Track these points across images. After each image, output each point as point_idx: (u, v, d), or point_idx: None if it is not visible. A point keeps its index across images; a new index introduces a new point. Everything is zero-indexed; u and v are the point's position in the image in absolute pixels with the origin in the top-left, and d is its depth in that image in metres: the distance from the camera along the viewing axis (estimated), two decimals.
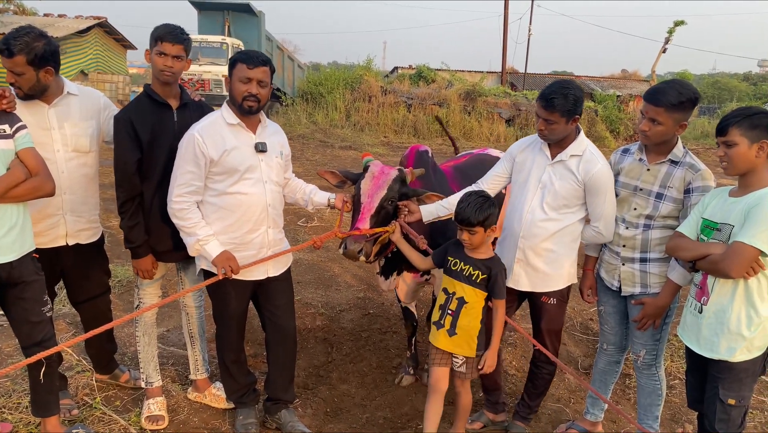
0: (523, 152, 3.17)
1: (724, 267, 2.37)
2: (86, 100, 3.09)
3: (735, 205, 2.44)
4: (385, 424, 3.54)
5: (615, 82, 29.01)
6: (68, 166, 3.00)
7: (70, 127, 3.00)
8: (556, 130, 2.90)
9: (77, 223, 3.10)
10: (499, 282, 2.86)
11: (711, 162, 2.97)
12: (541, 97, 2.89)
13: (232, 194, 2.95)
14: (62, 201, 3.00)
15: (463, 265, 2.92)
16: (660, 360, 3.10)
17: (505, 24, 25.87)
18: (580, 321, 5.20)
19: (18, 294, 2.66)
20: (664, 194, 2.85)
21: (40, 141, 2.86)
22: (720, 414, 2.53)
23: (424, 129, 18.66)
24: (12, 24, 18.48)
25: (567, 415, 3.72)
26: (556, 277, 3.11)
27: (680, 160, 2.83)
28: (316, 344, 4.55)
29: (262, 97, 2.92)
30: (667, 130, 2.77)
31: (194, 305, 3.56)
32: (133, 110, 3.04)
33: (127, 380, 3.68)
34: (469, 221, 2.79)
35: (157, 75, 3.02)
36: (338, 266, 6.29)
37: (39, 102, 2.90)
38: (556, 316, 3.21)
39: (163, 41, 2.95)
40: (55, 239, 3.05)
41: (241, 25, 19.39)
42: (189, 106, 3.19)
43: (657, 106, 2.73)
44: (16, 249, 2.62)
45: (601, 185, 2.94)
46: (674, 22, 23.45)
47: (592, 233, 3.06)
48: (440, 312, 3.00)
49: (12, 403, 3.39)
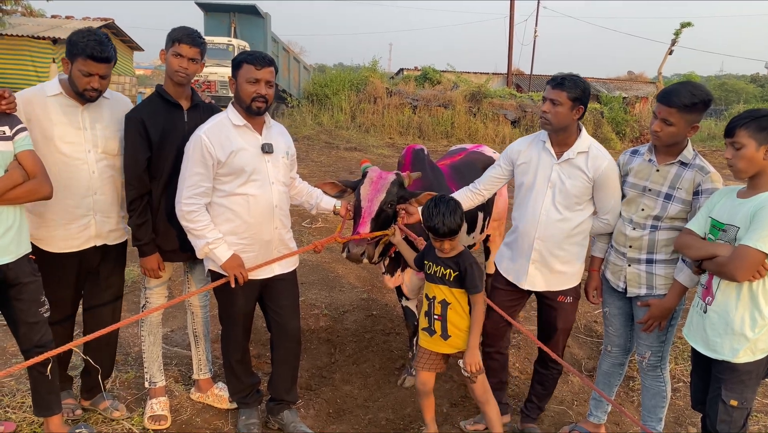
0: (525, 153, 3.17)
1: (729, 270, 2.36)
2: (116, 105, 3.10)
3: (741, 207, 2.43)
4: (387, 425, 3.54)
5: (621, 83, 28.88)
6: (98, 166, 3.00)
7: (102, 129, 3.00)
8: (560, 113, 2.92)
9: (106, 223, 3.09)
10: (470, 275, 2.86)
11: (717, 164, 2.96)
12: (552, 79, 2.96)
13: (239, 195, 2.96)
14: (93, 201, 3.01)
15: (435, 267, 2.96)
16: (665, 362, 3.10)
17: (511, 25, 25.84)
18: (584, 323, 5.18)
19: (15, 295, 2.67)
20: (673, 195, 2.84)
21: (71, 140, 2.90)
22: (722, 415, 2.52)
23: (430, 130, 18.64)
24: (20, 25, 18.60)
25: (570, 417, 3.71)
26: (570, 275, 3.15)
27: (690, 162, 2.82)
28: (320, 345, 4.55)
29: (269, 97, 2.95)
30: (679, 131, 2.76)
31: (200, 304, 3.57)
32: (145, 110, 3.07)
33: (105, 408, 3.39)
34: (442, 232, 2.81)
35: (171, 75, 3.06)
36: (342, 267, 6.30)
37: (74, 102, 2.92)
38: (572, 314, 3.26)
39: (181, 43, 3.00)
40: (87, 240, 3.04)
41: (247, 26, 19.43)
42: (200, 107, 3.21)
43: (670, 106, 2.73)
44: (12, 251, 2.63)
45: (610, 179, 3.00)
46: (681, 23, 23.34)
47: (601, 225, 3.11)
48: (427, 319, 3.02)
49: (15, 402, 3.40)
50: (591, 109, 19.90)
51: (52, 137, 2.85)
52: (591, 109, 19.98)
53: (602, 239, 3.21)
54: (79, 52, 2.74)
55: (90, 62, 2.76)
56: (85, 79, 2.79)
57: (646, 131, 18.87)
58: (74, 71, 2.80)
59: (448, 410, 3.73)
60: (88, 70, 2.77)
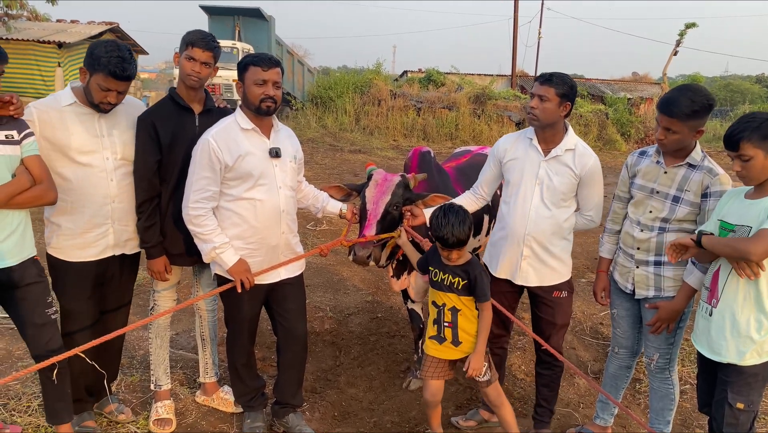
0: (511, 150, 3.20)
1: (745, 245, 2.29)
2: (131, 109, 3.08)
3: (752, 207, 2.41)
4: (392, 428, 3.53)
5: (626, 84, 28.81)
6: (117, 174, 2.97)
7: (119, 135, 2.98)
8: (547, 109, 2.95)
9: (124, 232, 3.06)
10: (479, 284, 2.85)
11: (724, 165, 2.94)
12: (540, 76, 3.02)
13: (246, 200, 2.95)
14: (111, 210, 2.97)
15: (442, 274, 2.94)
16: (673, 364, 3.08)
17: (515, 27, 25.81)
18: (590, 325, 5.16)
19: (21, 296, 2.67)
20: (681, 198, 2.82)
21: (90, 149, 2.87)
22: (728, 418, 2.50)
23: (434, 132, 18.64)
24: (25, 29, 18.67)
25: (576, 420, 3.70)
26: (561, 269, 3.18)
27: (698, 164, 2.80)
28: (324, 348, 4.55)
29: (277, 98, 2.95)
30: (683, 138, 2.75)
31: (207, 308, 3.58)
32: (156, 112, 3.07)
33: (110, 411, 3.40)
34: (451, 243, 2.80)
35: (183, 78, 3.06)
36: (347, 269, 6.30)
37: (90, 110, 2.89)
38: (568, 308, 3.28)
39: (194, 46, 3.00)
40: (105, 249, 3.01)
41: (252, 29, 19.50)
42: (212, 112, 3.20)
43: (671, 117, 2.71)
44: (16, 254, 2.63)
45: (596, 177, 3.07)
46: (685, 24, 23.25)
47: (584, 221, 3.17)
48: (436, 327, 3.00)
49: (22, 406, 3.41)
50: (596, 111, 19.88)
51: (70, 147, 2.82)
52: (596, 110, 19.96)
53: (610, 239, 3.21)
54: (101, 67, 2.71)
55: (111, 79, 2.73)
56: (102, 93, 2.78)
57: (651, 132, 18.84)
58: (92, 84, 2.77)
59: (453, 412, 3.71)
60: (108, 86, 2.76)
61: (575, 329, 5.07)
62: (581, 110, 19.31)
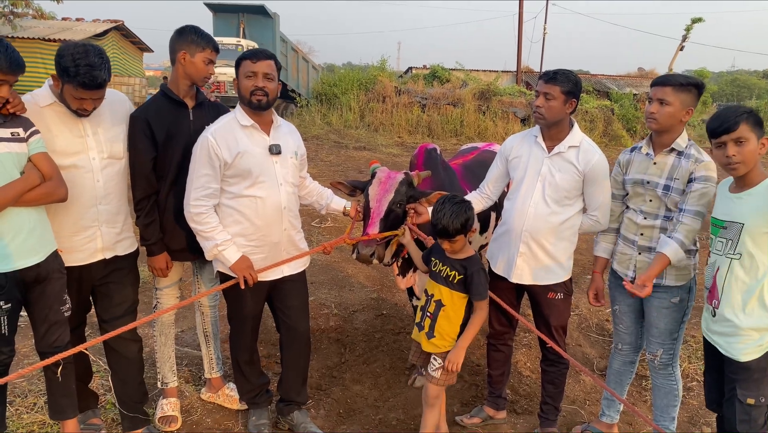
0: (516, 148, 3.20)
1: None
2: (116, 105, 2.98)
3: (740, 202, 2.44)
4: (398, 425, 3.53)
5: (631, 80, 28.65)
6: (104, 174, 2.85)
7: (104, 132, 2.86)
8: (553, 107, 2.95)
9: (113, 234, 2.94)
10: (476, 282, 2.83)
11: None
12: (544, 74, 3.02)
13: (246, 197, 2.95)
14: (98, 212, 2.86)
15: (441, 266, 2.93)
16: (676, 360, 3.08)
17: (520, 23, 25.73)
18: (595, 322, 5.14)
19: (41, 290, 2.64)
20: (671, 186, 2.86)
21: (74, 150, 2.75)
22: (740, 415, 2.49)
23: (439, 129, 18.59)
24: (31, 28, 18.73)
25: (582, 417, 3.69)
26: (557, 268, 3.14)
27: (684, 150, 2.85)
28: (330, 345, 4.55)
29: (270, 90, 2.91)
30: (675, 112, 2.80)
31: (209, 304, 3.58)
32: (150, 109, 3.05)
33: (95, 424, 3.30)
34: (447, 232, 2.78)
35: (197, 80, 3.08)
36: (352, 266, 6.29)
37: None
38: (564, 311, 3.23)
39: (212, 50, 3.07)
40: (93, 253, 2.89)
41: (256, 27, 19.47)
42: (205, 105, 3.21)
43: (664, 86, 2.81)
44: (39, 250, 2.60)
45: (600, 175, 3.02)
46: (692, 19, 23.18)
47: (590, 222, 3.12)
48: (421, 314, 3.01)
49: (28, 403, 3.42)
50: (601, 106, 19.80)
51: (54, 150, 2.67)
52: (601, 106, 19.87)
53: (606, 238, 3.20)
54: (69, 78, 2.56)
55: (81, 90, 2.60)
56: (77, 102, 2.67)
57: None
58: (66, 93, 2.64)
59: (458, 409, 3.71)
60: (80, 96, 2.62)
61: (581, 326, 5.06)
62: (587, 106, 19.24)
